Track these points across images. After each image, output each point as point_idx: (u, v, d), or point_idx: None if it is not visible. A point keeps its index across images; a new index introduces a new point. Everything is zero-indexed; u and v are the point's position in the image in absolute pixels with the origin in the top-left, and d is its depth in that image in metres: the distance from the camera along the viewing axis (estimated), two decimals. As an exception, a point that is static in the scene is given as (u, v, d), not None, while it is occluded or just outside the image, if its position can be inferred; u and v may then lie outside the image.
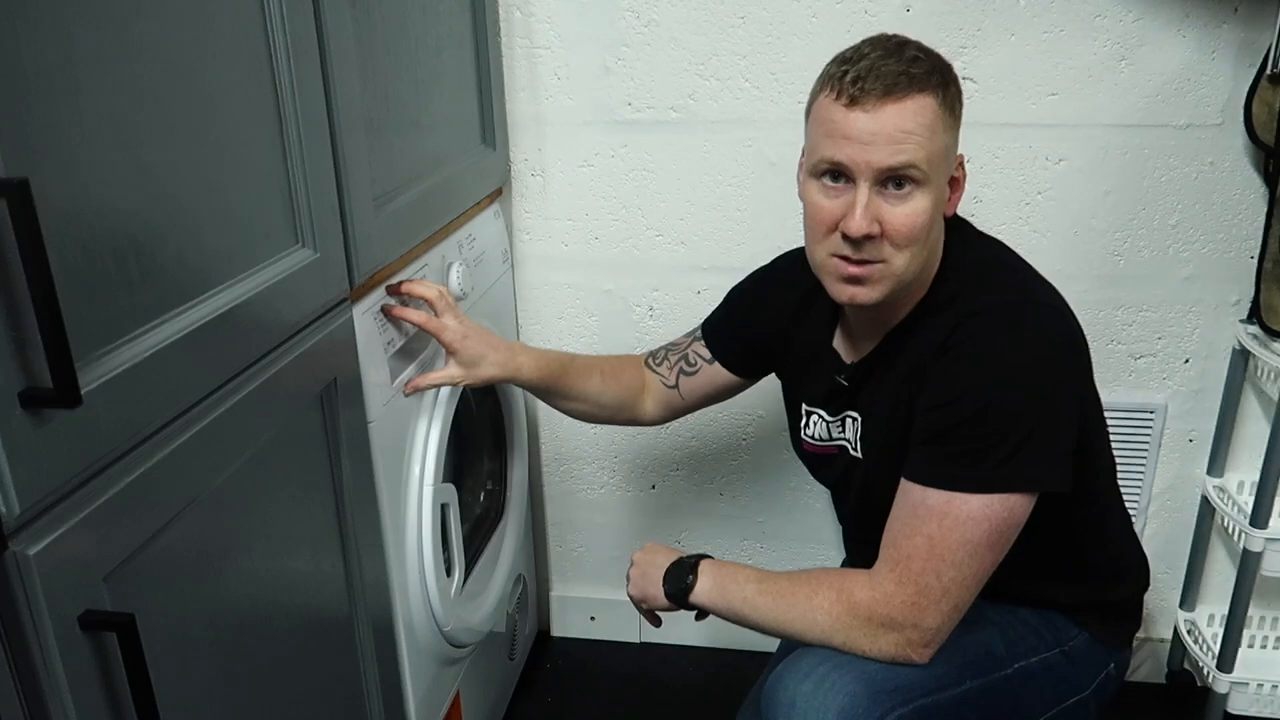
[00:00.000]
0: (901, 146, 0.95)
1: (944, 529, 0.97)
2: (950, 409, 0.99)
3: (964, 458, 0.97)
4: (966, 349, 0.99)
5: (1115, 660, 1.17)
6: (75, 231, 0.66)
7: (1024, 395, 0.97)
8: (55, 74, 0.64)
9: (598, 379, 1.33)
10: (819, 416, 1.19)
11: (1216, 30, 1.44)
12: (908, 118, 0.95)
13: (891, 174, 0.96)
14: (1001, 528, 0.98)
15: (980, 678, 1.06)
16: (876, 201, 0.97)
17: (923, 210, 0.98)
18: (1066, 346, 1.01)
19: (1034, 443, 0.97)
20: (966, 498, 0.97)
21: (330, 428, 1.02)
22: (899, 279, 1.00)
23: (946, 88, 0.99)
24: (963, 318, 1.01)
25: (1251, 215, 1.52)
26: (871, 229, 0.97)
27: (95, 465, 0.67)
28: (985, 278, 1.05)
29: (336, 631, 1.08)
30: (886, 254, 0.99)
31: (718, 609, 1.12)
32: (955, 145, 1.02)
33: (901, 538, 1.00)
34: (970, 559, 0.97)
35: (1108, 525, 1.18)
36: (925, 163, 0.96)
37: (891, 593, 0.99)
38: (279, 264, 0.92)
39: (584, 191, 1.66)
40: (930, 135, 0.96)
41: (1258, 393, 1.61)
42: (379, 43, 1.13)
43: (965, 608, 1.00)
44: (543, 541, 1.92)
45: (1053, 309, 1.02)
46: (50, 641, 0.63)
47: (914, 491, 1.00)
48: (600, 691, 1.82)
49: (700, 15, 1.53)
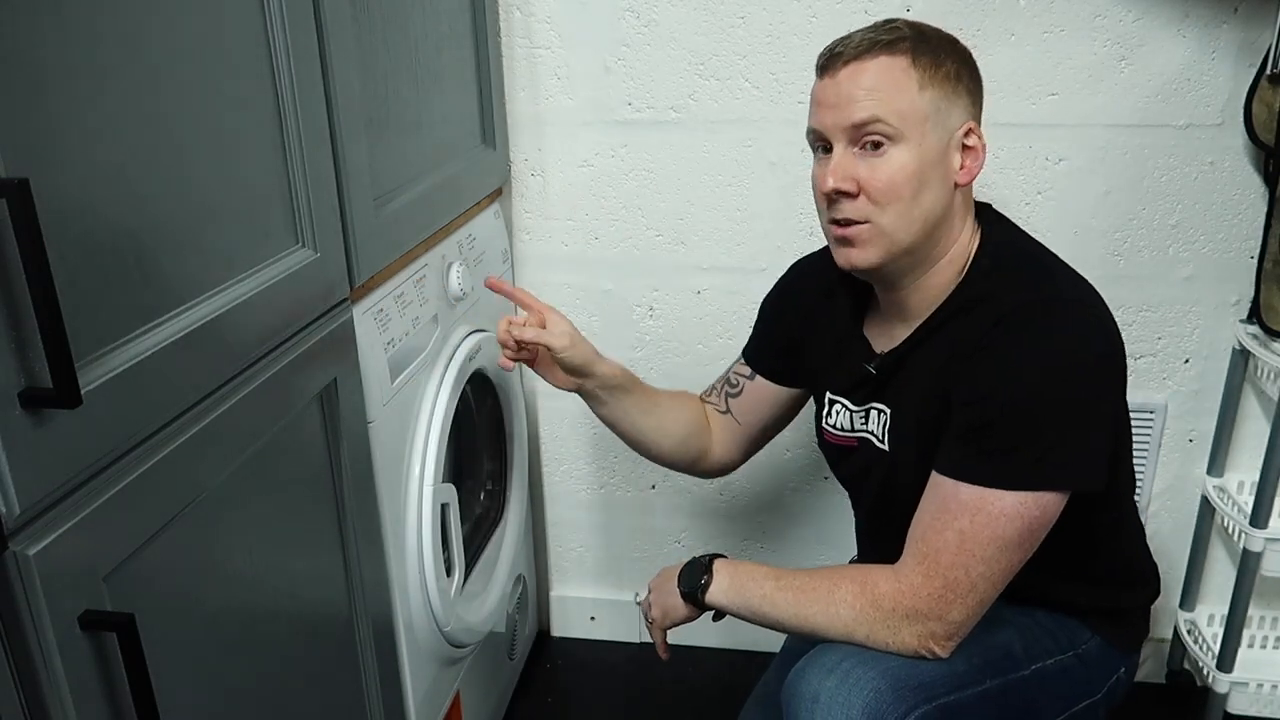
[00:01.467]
0: (862, 103, 0.99)
1: (976, 524, 0.97)
2: (987, 405, 0.98)
3: (999, 454, 0.97)
4: (1005, 345, 0.99)
5: (1125, 665, 1.17)
6: (75, 231, 0.66)
7: (1061, 393, 0.97)
8: (55, 74, 0.64)
9: (665, 402, 1.32)
10: (842, 406, 1.18)
11: (1216, 30, 1.44)
12: (869, 76, 0.99)
13: (860, 131, 0.99)
14: (1033, 526, 0.98)
15: (999, 677, 1.06)
16: (853, 161, 1.00)
17: (900, 166, 0.99)
18: (1105, 347, 1.01)
19: (1070, 441, 0.97)
20: (1001, 494, 0.97)
21: (330, 428, 1.02)
22: (890, 239, 1.02)
23: (922, 51, 1.01)
24: (1003, 314, 1.00)
25: (1251, 215, 1.52)
26: (843, 185, 1.00)
27: (95, 465, 0.67)
28: (1025, 274, 1.05)
29: (336, 631, 1.08)
30: (869, 212, 1.01)
31: (735, 607, 1.10)
32: (952, 110, 1.02)
33: (931, 532, 1.00)
34: (1000, 555, 0.97)
35: (1124, 532, 1.18)
36: (894, 117, 0.98)
37: (919, 585, 0.99)
38: (279, 264, 0.92)
39: (584, 191, 1.66)
40: (896, 90, 0.99)
41: (1258, 393, 1.61)
42: (379, 43, 1.13)
43: (989, 604, 1.00)
44: (543, 541, 1.92)
45: (1093, 309, 1.03)
46: (50, 641, 0.63)
47: (946, 485, 1.00)
48: (600, 691, 1.82)
49: (700, 15, 1.53)
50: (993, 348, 1.00)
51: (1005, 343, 0.99)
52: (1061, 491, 0.98)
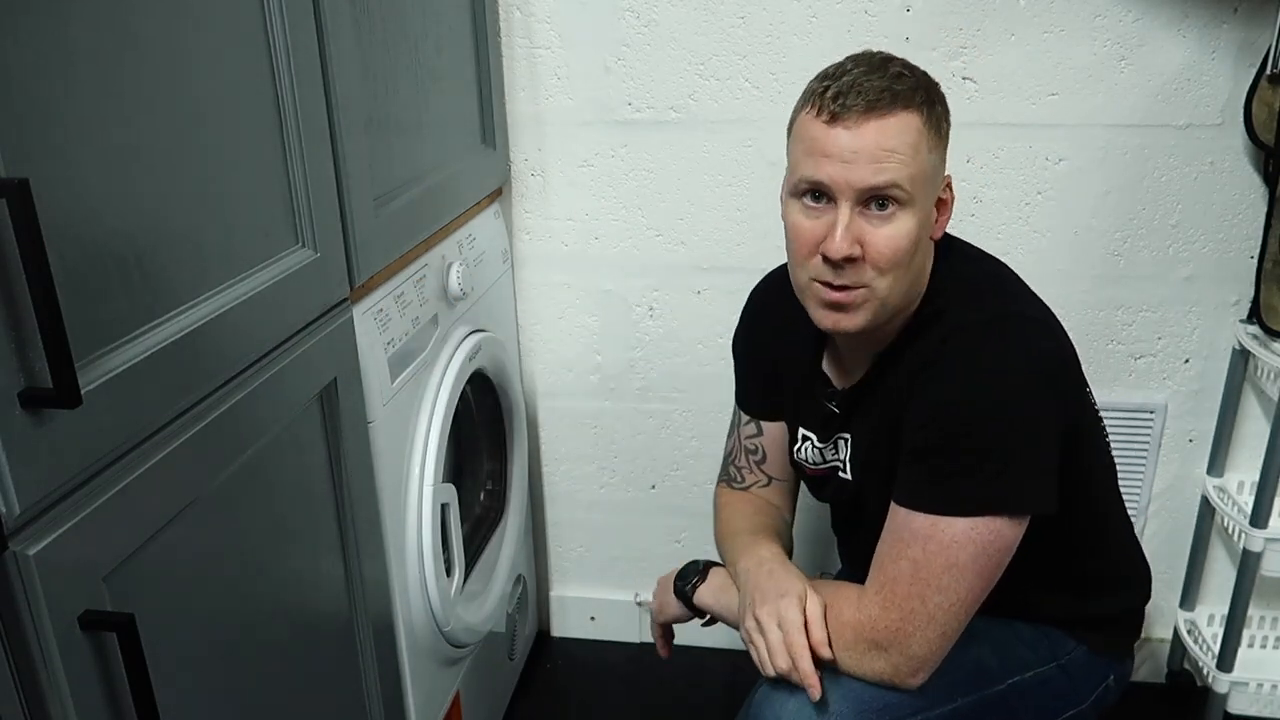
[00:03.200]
0: (884, 165, 0.92)
1: (928, 553, 0.95)
2: (932, 427, 0.97)
3: (946, 479, 0.95)
4: (948, 366, 0.97)
5: (1115, 672, 1.15)
6: (75, 231, 0.66)
7: (1006, 414, 0.94)
8: (55, 74, 0.64)
9: (781, 533, 1.22)
10: (811, 442, 1.17)
11: (1216, 30, 1.44)
12: (890, 135, 0.92)
13: (874, 193, 0.93)
14: (989, 551, 0.95)
15: (972, 694, 1.04)
16: (858, 222, 0.94)
17: (906, 232, 0.94)
18: (1050, 361, 0.97)
19: (1017, 463, 0.95)
20: (951, 521, 0.94)
21: (330, 428, 1.02)
22: (882, 303, 0.97)
23: (932, 106, 0.96)
24: (948, 332, 0.99)
25: (1251, 215, 1.52)
26: (853, 250, 0.94)
27: (95, 465, 0.67)
28: (971, 294, 1.03)
29: (336, 631, 1.08)
30: (868, 278, 0.96)
31: (719, 610, 1.12)
32: (942, 166, 0.99)
33: (888, 560, 0.98)
34: (956, 584, 0.95)
35: (1107, 533, 1.15)
36: (909, 182, 0.93)
37: (876, 616, 0.97)
38: (279, 264, 0.92)
39: (584, 191, 1.66)
40: (914, 154, 0.93)
41: (1258, 393, 1.61)
42: (379, 43, 1.13)
43: (955, 635, 0.97)
44: (543, 541, 1.92)
45: (1037, 322, 1.00)
46: (50, 641, 0.63)
47: (899, 514, 0.98)
48: (600, 691, 1.82)
49: (700, 15, 1.53)
50: (938, 367, 0.97)
51: (950, 362, 0.97)
52: (1012, 516, 0.95)
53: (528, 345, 1.77)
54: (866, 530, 1.04)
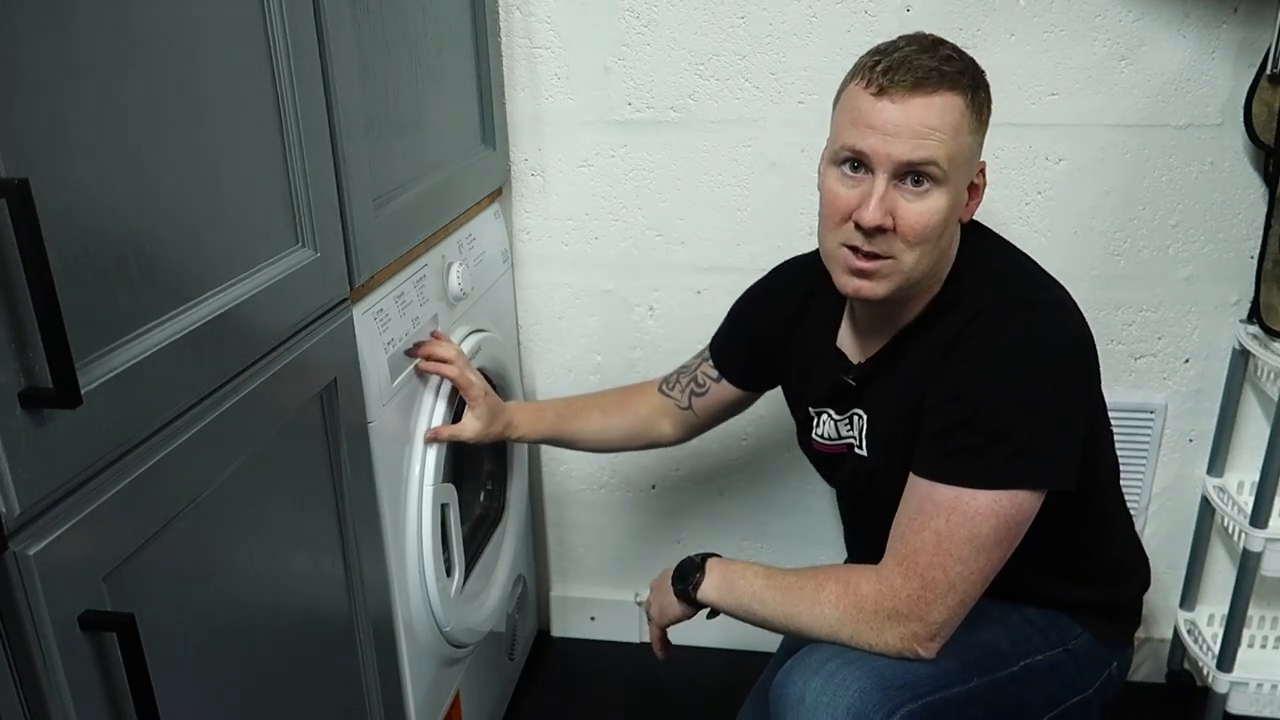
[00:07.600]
0: (924, 142, 0.95)
1: (951, 524, 0.98)
2: (959, 404, 0.99)
3: (972, 453, 0.98)
4: (975, 345, 1.00)
5: (1118, 659, 1.17)
6: (75, 231, 0.66)
7: (1032, 391, 0.97)
8: (55, 74, 0.64)
9: (597, 417, 1.38)
10: (828, 416, 1.18)
11: (1216, 30, 1.44)
12: (934, 113, 0.95)
13: (911, 169, 0.96)
14: (1009, 524, 0.98)
15: (987, 675, 1.06)
16: (893, 195, 0.97)
17: (938, 210, 0.97)
18: (1076, 344, 1.01)
19: (1042, 439, 0.97)
20: (975, 493, 0.97)
21: (330, 428, 1.02)
22: (907, 277, 1.01)
23: (976, 90, 0.99)
24: (972, 315, 1.01)
25: (1251, 215, 1.52)
26: (884, 221, 0.97)
27: (95, 465, 0.67)
28: (997, 277, 1.06)
29: (336, 631, 1.08)
30: (896, 250, 0.99)
31: (725, 605, 1.12)
32: (979, 150, 1.02)
33: (909, 532, 1.00)
34: (977, 555, 0.98)
35: (1111, 526, 1.18)
36: (946, 161, 0.96)
37: (898, 586, 0.99)
38: (279, 264, 0.92)
39: (584, 191, 1.66)
40: (954, 134, 0.96)
41: (1258, 393, 1.61)
42: (379, 43, 1.13)
43: (971, 603, 1.00)
44: (543, 541, 1.92)
45: (1062, 306, 1.03)
46: (50, 641, 0.63)
47: (922, 486, 1.00)
48: (600, 691, 1.82)
49: (700, 15, 1.53)
50: (965, 347, 1.00)
51: (977, 341, 1.00)
52: (1035, 490, 0.98)
53: (528, 345, 1.77)
54: (883, 509, 1.05)
